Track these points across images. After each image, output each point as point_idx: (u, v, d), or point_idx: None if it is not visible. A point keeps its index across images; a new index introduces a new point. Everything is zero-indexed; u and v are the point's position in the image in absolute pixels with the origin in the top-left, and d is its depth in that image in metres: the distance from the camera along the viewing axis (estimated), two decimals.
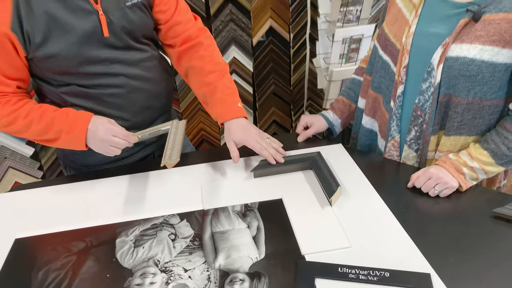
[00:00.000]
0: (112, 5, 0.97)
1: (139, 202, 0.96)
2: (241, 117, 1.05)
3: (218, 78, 1.08)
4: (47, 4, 0.91)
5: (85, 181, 1.06)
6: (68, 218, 0.92)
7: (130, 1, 0.99)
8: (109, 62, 1.01)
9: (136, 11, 1.01)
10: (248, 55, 2.20)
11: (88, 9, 0.94)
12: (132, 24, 1.01)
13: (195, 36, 1.11)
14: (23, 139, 1.98)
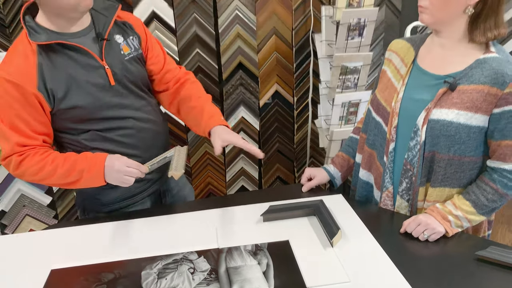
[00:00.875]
0: (114, 60, 1.19)
1: (160, 240, 1.07)
2: (226, 126, 1.22)
3: (204, 101, 1.29)
4: (64, 64, 1.12)
5: (112, 222, 1.18)
6: (97, 253, 1.03)
7: (128, 55, 1.22)
8: (119, 107, 1.20)
9: (133, 63, 1.23)
10: (255, 115, 2.39)
11: (96, 65, 1.16)
12: (132, 74, 1.23)
13: (183, 76, 1.35)
14: (42, 188, 2.11)
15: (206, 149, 2.40)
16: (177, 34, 2.14)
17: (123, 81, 1.20)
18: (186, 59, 2.19)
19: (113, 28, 1.21)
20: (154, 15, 2.08)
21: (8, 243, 1.13)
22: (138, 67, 1.25)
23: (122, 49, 1.22)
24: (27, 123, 1.11)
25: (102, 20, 1.20)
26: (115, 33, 1.22)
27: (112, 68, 1.18)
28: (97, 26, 1.19)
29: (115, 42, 1.21)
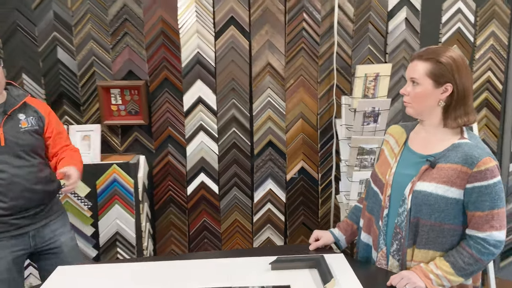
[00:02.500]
0: (11, 129, 1.68)
1: (185, 279, 1.30)
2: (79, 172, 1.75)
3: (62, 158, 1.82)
4: None
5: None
6: (133, 285, 1.27)
7: (24, 128, 1.72)
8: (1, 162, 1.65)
9: (27, 134, 1.72)
10: (282, 188, 2.63)
11: None
12: (23, 140, 1.71)
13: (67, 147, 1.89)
14: (91, 242, 2.40)
15: (236, 217, 2.65)
16: (218, 115, 2.52)
17: (12, 145, 1.68)
18: (223, 136, 2.54)
19: (19, 108, 1.73)
20: (200, 100, 2.49)
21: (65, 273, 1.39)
22: (28, 137, 1.73)
23: (21, 124, 1.73)
24: None
25: (11, 102, 1.73)
26: (19, 112, 1.74)
27: (6, 134, 1.66)
28: (6, 105, 1.70)
29: (16, 118, 1.72)
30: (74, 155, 1.88)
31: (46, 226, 1.82)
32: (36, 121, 1.79)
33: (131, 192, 2.34)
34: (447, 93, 1.25)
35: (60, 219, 1.90)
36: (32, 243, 1.79)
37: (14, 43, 2.36)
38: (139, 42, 2.41)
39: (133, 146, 2.53)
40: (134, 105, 2.45)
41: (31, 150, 1.75)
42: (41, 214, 1.80)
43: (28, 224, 1.76)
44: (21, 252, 1.76)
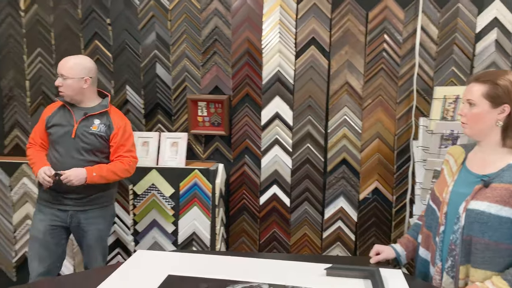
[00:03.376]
0: (82, 128, 2.15)
1: (245, 271, 1.41)
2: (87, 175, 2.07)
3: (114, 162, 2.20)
4: (62, 115, 2.19)
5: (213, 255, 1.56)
6: (199, 270, 1.41)
7: (93, 131, 2.15)
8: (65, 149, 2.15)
9: (92, 136, 2.15)
10: (354, 207, 2.63)
11: (72, 124, 2.15)
12: (87, 139, 2.14)
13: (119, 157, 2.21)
14: (171, 238, 2.62)
15: (305, 231, 2.70)
16: (293, 130, 2.63)
17: (78, 139, 2.14)
18: (297, 151, 2.64)
19: (97, 115, 2.19)
20: (277, 115, 2.63)
21: (141, 255, 1.59)
22: (92, 139, 2.15)
23: (92, 127, 2.16)
24: (38, 131, 2.24)
25: (95, 109, 2.20)
26: (96, 118, 2.18)
27: (78, 130, 2.14)
28: (90, 110, 2.18)
29: (91, 121, 2.17)
30: (112, 164, 2.19)
31: (82, 212, 2.19)
32: (106, 129, 2.18)
33: (209, 196, 2.53)
34: (505, 113, 1.27)
35: (98, 211, 2.22)
36: (68, 220, 2.19)
37: (122, 59, 2.74)
38: (226, 60, 2.63)
39: (214, 155, 2.74)
40: (217, 117, 2.67)
41: (91, 149, 2.15)
42: (79, 202, 2.17)
43: (68, 205, 2.17)
44: (58, 223, 2.19)
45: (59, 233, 2.22)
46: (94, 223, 2.22)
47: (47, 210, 2.19)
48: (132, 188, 2.58)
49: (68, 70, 2.15)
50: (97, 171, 2.12)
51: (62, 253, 2.29)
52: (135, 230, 2.63)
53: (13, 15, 2.78)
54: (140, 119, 2.77)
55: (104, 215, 2.26)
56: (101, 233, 2.27)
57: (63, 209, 2.18)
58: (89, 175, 2.08)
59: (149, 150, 2.67)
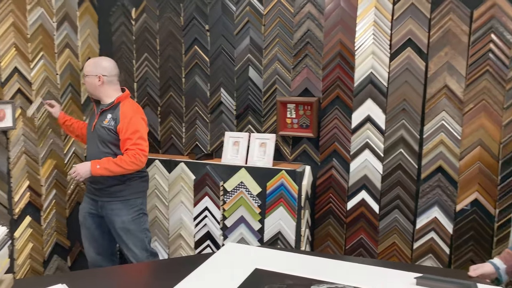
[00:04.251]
0: (99, 122, 2.40)
1: (331, 272, 1.40)
2: (91, 167, 2.27)
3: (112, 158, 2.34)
4: (92, 112, 2.57)
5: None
6: (287, 267, 1.44)
7: (104, 124, 2.37)
8: (88, 142, 2.47)
9: (104, 129, 2.37)
10: (449, 219, 2.46)
11: (94, 118, 2.45)
12: (100, 131, 2.38)
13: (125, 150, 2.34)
14: (257, 236, 2.69)
15: (395, 240, 2.59)
16: (385, 134, 2.54)
17: (95, 132, 2.41)
18: (389, 156, 2.54)
19: (109, 110, 2.39)
20: (368, 118, 2.56)
21: (230, 248, 1.67)
22: (105, 132, 2.36)
23: (104, 121, 2.37)
24: None
25: (109, 105, 2.40)
26: (108, 112, 2.39)
27: (96, 124, 2.41)
28: (104, 106, 2.42)
29: (105, 115, 2.39)
30: (118, 158, 2.32)
31: (108, 203, 2.42)
32: (114, 123, 2.36)
33: (295, 197, 2.56)
34: None
35: (120, 203, 2.42)
36: (99, 210, 2.45)
37: (218, 63, 2.89)
38: (317, 63, 2.64)
39: (301, 157, 2.77)
40: (306, 119, 2.69)
41: (103, 141, 2.38)
42: (104, 192, 2.41)
43: (97, 195, 2.44)
44: (94, 212, 2.47)
45: (98, 220, 2.50)
46: (118, 214, 2.42)
47: (86, 199, 2.53)
48: (223, 185, 2.71)
49: (86, 69, 2.46)
50: (101, 163, 2.27)
51: (109, 240, 2.55)
52: (224, 225, 2.75)
53: (126, 24, 3.10)
54: (232, 120, 2.90)
55: (127, 208, 2.43)
56: (125, 225, 2.43)
57: (94, 198, 2.46)
58: (93, 167, 2.26)
59: (239, 149, 2.78)
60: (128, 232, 2.45)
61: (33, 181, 2.64)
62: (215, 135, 2.98)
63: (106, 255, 2.58)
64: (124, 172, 2.32)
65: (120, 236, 2.45)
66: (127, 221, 2.44)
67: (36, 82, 2.66)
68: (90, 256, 2.57)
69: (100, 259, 2.57)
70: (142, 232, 2.50)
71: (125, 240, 2.45)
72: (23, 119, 2.57)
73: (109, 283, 1.39)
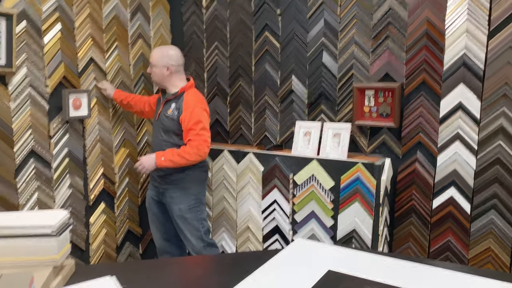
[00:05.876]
0: (163, 111, 2.41)
1: (424, 282, 1.19)
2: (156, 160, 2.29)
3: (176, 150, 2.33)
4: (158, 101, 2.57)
5: None
6: (366, 270, 1.26)
7: (168, 114, 2.37)
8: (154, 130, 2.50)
9: (167, 119, 2.37)
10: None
11: (159, 107, 2.45)
12: (164, 121, 2.39)
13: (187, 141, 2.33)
14: (329, 233, 2.51)
15: (490, 245, 2.25)
16: (480, 124, 2.21)
17: (159, 121, 2.42)
18: (485, 149, 2.21)
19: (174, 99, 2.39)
20: (460, 106, 2.25)
21: (300, 244, 1.52)
22: (168, 121, 2.37)
23: (168, 111, 2.37)
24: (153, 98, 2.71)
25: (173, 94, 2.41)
26: (172, 102, 2.38)
27: (161, 113, 2.41)
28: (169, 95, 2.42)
29: (169, 105, 2.39)
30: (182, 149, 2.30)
31: (168, 191, 2.43)
32: (177, 113, 2.34)
33: (372, 193, 2.33)
34: None
35: (178, 191, 2.42)
36: (160, 196, 2.48)
37: (289, 49, 2.74)
38: (400, 45, 2.38)
39: (379, 149, 2.52)
40: (386, 107, 2.44)
41: (167, 130, 2.38)
42: (163, 179, 2.42)
43: (158, 182, 2.46)
44: (156, 198, 2.51)
45: (162, 206, 2.52)
46: (176, 202, 2.41)
47: (150, 185, 2.57)
48: (293, 178, 2.56)
49: (153, 58, 2.42)
50: (166, 155, 2.28)
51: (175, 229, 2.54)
52: (293, 219, 2.60)
53: (197, 12, 3.07)
54: (303, 109, 2.74)
55: (184, 196, 2.42)
56: (182, 212, 2.43)
57: (157, 185, 2.49)
58: (158, 160, 2.27)
59: (311, 140, 2.60)
60: (185, 221, 2.45)
61: (107, 169, 2.71)
62: (285, 125, 2.84)
63: (174, 241, 2.59)
64: (188, 163, 2.32)
65: (178, 224, 2.47)
66: (184, 209, 2.44)
67: (111, 72, 2.71)
68: (158, 242, 2.61)
69: (167, 245, 2.58)
70: (199, 222, 2.49)
71: (182, 229, 2.46)
72: (99, 108, 2.63)
73: (161, 276, 1.31)
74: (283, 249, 1.50)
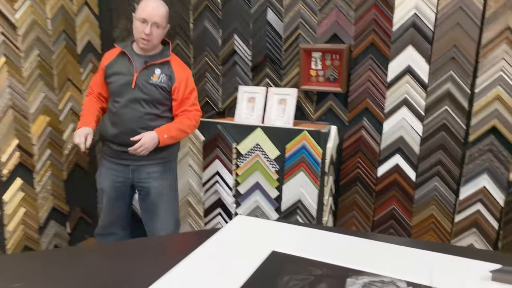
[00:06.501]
0: (143, 78, 2.00)
1: (369, 259, 1.08)
2: (158, 136, 1.99)
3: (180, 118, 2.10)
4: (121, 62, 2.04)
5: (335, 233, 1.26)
6: (311, 250, 1.12)
7: (153, 81, 2.00)
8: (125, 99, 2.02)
9: (152, 87, 2.00)
10: (501, 189, 2.10)
11: (132, 73, 2.01)
12: (147, 90, 2.00)
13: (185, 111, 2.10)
14: (274, 204, 2.38)
15: (432, 211, 2.24)
16: (428, 89, 2.14)
17: (138, 89, 1.99)
18: (431, 115, 2.15)
19: (158, 65, 2.03)
20: (408, 69, 2.15)
21: (241, 222, 1.35)
22: (153, 90, 2.00)
23: (153, 77, 2.00)
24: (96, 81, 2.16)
25: (157, 58, 2.05)
26: (156, 67, 2.02)
27: (138, 79, 1.99)
28: (152, 58, 2.03)
29: (152, 70, 2.01)
30: (180, 122, 2.07)
31: (144, 167, 2.09)
32: (167, 80, 2.02)
33: (318, 162, 2.21)
34: None
35: (160, 165, 2.12)
36: (131, 175, 2.10)
37: (231, 6, 2.49)
38: (349, 3, 2.22)
39: (326, 116, 2.40)
40: (333, 71, 2.30)
41: (151, 101, 2.01)
42: (140, 156, 2.00)
43: (130, 159, 2.05)
44: (121, 179, 2.12)
45: (124, 188, 2.16)
46: (155, 178, 2.12)
47: (110, 165, 2.13)
48: (236, 147, 2.38)
49: (161, 19, 2.01)
50: (167, 132, 2.02)
51: (127, 212, 2.26)
52: (237, 191, 2.45)
53: None
54: (247, 72, 2.53)
55: (165, 171, 2.15)
56: (162, 189, 2.15)
57: (125, 163, 2.09)
58: (161, 138, 1.99)
59: (255, 106, 2.42)
60: (163, 199, 2.17)
61: (23, 139, 2.35)
62: (227, 90, 2.62)
63: (122, 222, 2.28)
64: (185, 137, 2.18)
65: (153, 203, 2.15)
66: (165, 186, 2.17)
67: (23, 27, 2.31)
68: (104, 222, 2.26)
69: (114, 226, 2.26)
70: (176, 200, 2.28)
71: (157, 208, 2.16)
72: (8, 68, 2.25)
73: (81, 263, 1.10)
74: (222, 228, 1.33)
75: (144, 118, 2.02)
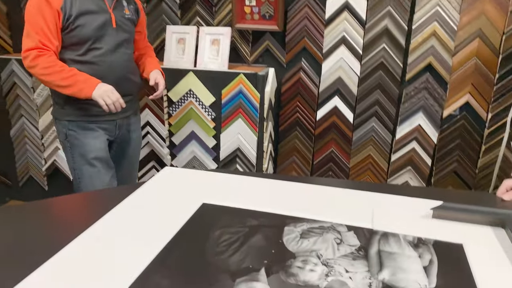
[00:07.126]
0: (118, 13, 1.69)
1: (309, 205, 1.00)
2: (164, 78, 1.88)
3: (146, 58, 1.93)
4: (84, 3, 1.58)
5: (270, 179, 1.16)
6: (247, 200, 1.02)
7: (127, 15, 1.73)
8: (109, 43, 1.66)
9: (128, 22, 1.74)
10: (435, 126, 2.13)
11: (105, 10, 1.64)
12: (127, 27, 1.73)
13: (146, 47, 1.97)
14: (211, 154, 2.27)
15: (370, 152, 2.25)
16: (366, 26, 2.05)
17: (119, 28, 1.69)
18: (369, 53, 2.09)
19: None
20: (346, 5, 2.04)
21: (169, 174, 1.22)
22: (131, 27, 1.77)
23: (124, 10, 1.72)
24: (49, 30, 1.53)
25: None
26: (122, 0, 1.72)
27: (116, 16, 1.66)
28: None
29: (121, 4, 1.71)
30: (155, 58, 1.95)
31: (128, 118, 1.86)
32: (134, 12, 1.79)
33: (256, 107, 2.09)
34: None
35: (136, 116, 1.93)
36: (116, 131, 1.82)
37: None
38: None
39: (263, 58, 2.26)
40: (269, 7, 2.13)
41: (129, 40, 1.77)
42: (128, 105, 1.78)
43: (115, 114, 1.71)
44: (106, 137, 1.80)
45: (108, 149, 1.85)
46: (135, 129, 1.93)
47: (94, 126, 1.75)
48: (167, 94, 2.19)
49: None
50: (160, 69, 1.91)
51: None
52: (171, 142, 2.28)
53: None
54: (175, 10, 2.28)
55: (139, 121, 1.97)
56: (139, 142, 1.98)
57: (110, 119, 1.77)
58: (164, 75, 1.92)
59: (186, 49, 2.21)
60: (138, 151, 2.01)
61: None
62: (154, 31, 2.37)
63: None
64: None
65: (134, 156, 1.98)
66: (140, 137, 2.00)
67: None
68: None
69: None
70: None
71: (134, 162, 2.00)
72: None
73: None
74: (148, 181, 1.18)
75: (128, 60, 1.77)
